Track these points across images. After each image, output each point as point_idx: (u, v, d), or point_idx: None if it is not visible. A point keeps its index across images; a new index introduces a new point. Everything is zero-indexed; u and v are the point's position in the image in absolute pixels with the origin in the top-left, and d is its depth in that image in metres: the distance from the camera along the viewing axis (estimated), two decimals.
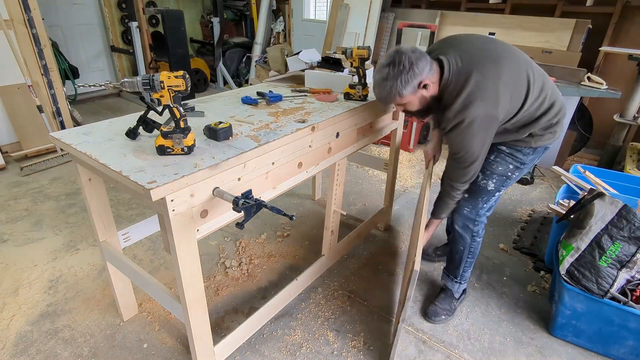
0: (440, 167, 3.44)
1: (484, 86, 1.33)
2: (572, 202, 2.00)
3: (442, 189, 1.68)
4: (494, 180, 1.62)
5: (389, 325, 1.84)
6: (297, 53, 2.30)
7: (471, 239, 1.76)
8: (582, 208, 1.81)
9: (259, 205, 1.15)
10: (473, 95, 1.33)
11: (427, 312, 1.88)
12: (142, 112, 1.37)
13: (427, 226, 1.73)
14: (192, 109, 1.64)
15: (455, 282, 1.88)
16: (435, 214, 1.74)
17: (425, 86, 1.40)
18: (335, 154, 1.78)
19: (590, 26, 3.46)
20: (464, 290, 1.96)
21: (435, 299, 1.92)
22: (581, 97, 3.19)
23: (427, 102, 1.46)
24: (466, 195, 1.69)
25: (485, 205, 1.69)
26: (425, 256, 2.26)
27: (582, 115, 3.56)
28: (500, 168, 1.59)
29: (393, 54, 1.39)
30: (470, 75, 1.34)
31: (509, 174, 1.60)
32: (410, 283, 1.33)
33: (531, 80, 1.42)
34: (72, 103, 4.28)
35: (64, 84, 3.92)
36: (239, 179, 1.30)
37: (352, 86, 1.86)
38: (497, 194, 1.66)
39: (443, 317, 1.86)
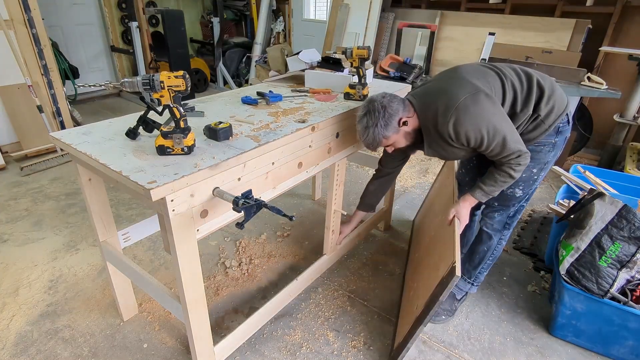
0: (439, 166, 3.44)
1: (453, 84, 1.43)
2: (572, 202, 2.00)
3: (499, 170, 1.50)
4: (521, 187, 1.62)
5: (389, 325, 1.84)
6: (297, 53, 2.30)
7: (497, 242, 1.77)
8: (582, 208, 1.81)
9: (259, 205, 1.15)
10: (450, 93, 1.39)
11: None
12: (142, 112, 1.37)
13: (464, 201, 1.60)
14: (192, 109, 1.64)
15: (468, 282, 1.89)
16: (487, 193, 1.54)
17: (404, 123, 1.48)
18: (335, 154, 1.78)
19: (590, 26, 3.46)
20: (466, 292, 1.96)
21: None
22: (581, 97, 3.19)
23: (413, 137, 1.53)
24: (496, 204, 1.69)
25: (517, 209, 1.69)
26: None
27: (582, 115, 3.56)
28: (524, 175, 1.58)
29: (366, 104, 1.50)
30: (439, 90, 1.45)
31: (535, 177, 1.60)
32: (447, 287, 1.32)
33: (499, 72, 1.49)
34: (72, 103, 4.28)
35: (64, 84, 3.92)
36: (239, 179, 1.30)
37: (352, 86, 1.86)
38: (527, 197, 1.66)
39: (443, 317, 1.86)
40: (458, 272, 1.31)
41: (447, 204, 1.73)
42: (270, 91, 1.92)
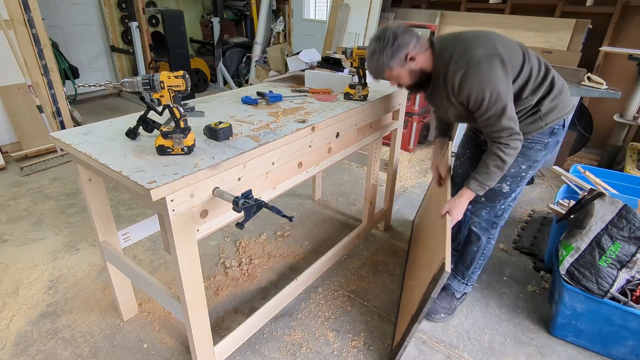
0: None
1: (477, 39, 1.39)
2: (572, 202, 2.00)
3: (489, 154, 1.49)
4: (508, 182, 1.61)
5: (389, 325, 1.84)
6: (297, 53, 2.30)
7: (487, 241, 1.76)
8: (582, 208, 1.81)
9: (259, 205, 1.15)
10: (469, 46, 1.37)
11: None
12: (142, 112, 1.37)
13: (461, 197, 1.57)
14: (192, 109, 1.64)
15: (462, 283, 1.88)
16: (481, 182, 1.52)
17: (412, 59, 1.44)
18: (335, 154, 1.78)
19: (590, 26, 3.45)
20: (466, 292, 1.96)
21: (436, 297, 1.92)
22: (581, 97, 3.19)
23: (418, 77, 1.49)
24: (483, 199, 1.68)
25: (503, 207, 1.68)
26: None
27: (582, 115, 3.56)
28: (512, 170, 1.57)
29: (380, 30, 1.46)
30: (462, 40, 1.41)
31: (523, 174, 1.59)
32: (438, 284, 1.32)
33: (525, 52, 1.46)
34: (72, 103, 4.28)
35: (64, 84, 3.92)
36: (239, 179, 1.30)
37: (352, 86, 1.86)
38: (514, 194, 1.65)
39: (442, 315, 1.86)
40: (448, 268, 1.30)
41: (442, 201, 1.73)
42: (270, 91, 1.92)
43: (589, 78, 2.95)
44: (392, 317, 1.88)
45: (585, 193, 1.91)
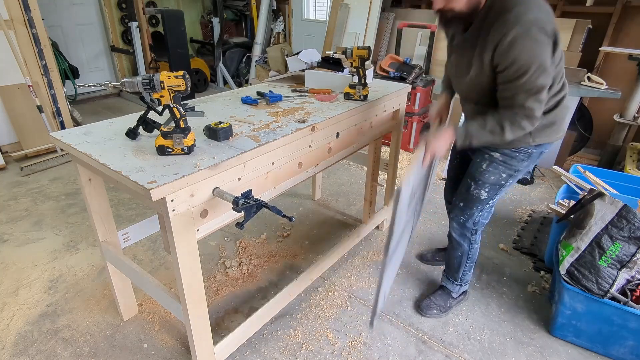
0: (439, 166, 3.45)
1: (544, 5, 1.25)
2: (572, 202, 2.00)
3: (495, 115, 1.36)
4: (487, 190, 1.58)
5: (389, 325, 1.84)
6: (297, 53, 2.30)
7: (469, 247, 1.74)
8: (582, 208, 1.81)
9: (259, 205, 1.15)
10: (533, 5, 1.21)
11: (420, 305, 1.90)
12: (142, 112, 1.37)
13: (443, 133, 1.42)
14: (192, 109, 1.64)
15: (456, 284, 1.88)
16: (468, 132, 1.40)
17: None
18: (335, 154, 1.78)
19: (590, 26, 3.46)
20: (465, 292, 1.96)
21: (432, 294, 1.94)
22: (581, 97, 3.19)
23: (473, 6, 1.29)
24: (461, 205, 1.66)
25: (481, 214, 1.65)
26: (424, 261, 2.25)
27: (582, 115, 3.56)
28: (492, 177, 1.55)
29: None
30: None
31: (502, 182, 1.56)
32: (394, 207, 1.24)
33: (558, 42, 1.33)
34: (72, 103, 4.28)
35: (64, 84, 3.92)
36: (239, 179, 1.30)
37: (352, 86, 1.86)
38: (491, 202, 1.62)
39: (435, 311, 1.86)
40: (405, 187, 1.23)
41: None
42: (270, 91, 1.92)
43: (589, 78, 2.95)
44: (392, 317, 1.88)
45: (585, 193, 1.91)
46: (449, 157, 1.92)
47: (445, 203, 2.07)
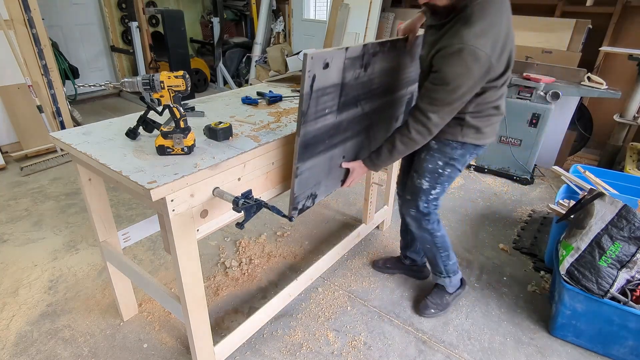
0: None
1: (492, 29, 1.27)
2: (572, 202, 2.00)
3: (390, 137, 1.48)
4: (427, 179, 1.62)
5: (389, 325, 1.84)
6: (297, 53, 2.30)
7: (431, 237, 1.74)
8: (582, 208, 1.81)
9: (259, 205, 1.15)
10: (479, 29, 1.25)
11: (418, 307, 1.91)
12: (142, 112, 1.37)
13: (359, 165, 1.58)
14: (192, 109, 1.64)
15: (443, 276, 1.86)
16: (371, 159, 1.55)
17: None
18: None
19: (590, 26, 3.46)
20: (462, 283, 1.94)
21: (428, 294, 1.94)
22: (581, 97, 3.19)
23: (457, 1, 1.30)
24: (408, 197, 1.70)
25: (427, 205, 1.67)
26: (376, 268, 2.19)
27: (582, 115, 3.56)
28: (430, 165, 1.59)
29: None
30: (487, 10, 1.27)
31: (440, 170, 1.59)
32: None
33: (512, 58, 1.39)
34: (72, 103, 4.27)
35: (64, 84, 3.92)
36: (239, 179, 1.30)
37: None
38: (434, 191, 1.64)
39: (432, 310, 1.86)
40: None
41: None
42: (270, 91, 1.92)
43: (589, 78, 2.95)
44: (392, 317, 1.89)
45: (585, 193, 1.91)
46: None
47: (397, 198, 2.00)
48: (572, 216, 1.89)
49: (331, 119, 1.37)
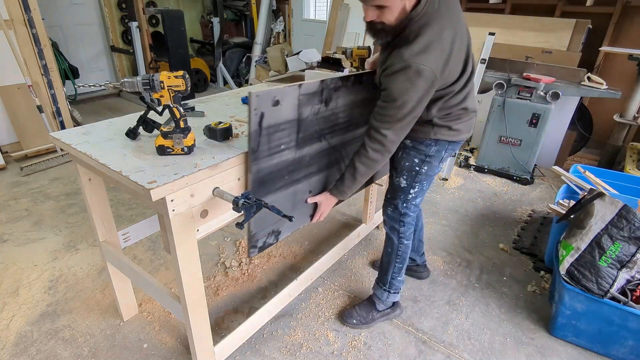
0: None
1: (434, 44, 1.26)
2: (572, 202, 2.00)
3: (350, 161, 1.47)
4: (405, 177, 1.61)
5: (389, 325, 1.84)
6: (297, 53, 2.30)
7: (398, 241, 1.72)
8: (582, 208, 1.81)
9: (259, 205, 1.15)
10: (422, 48, 1.25)
11: (343, 312, 1.88)
12: (142, 112, 1.37)
13: (328, 197, 1.57)
14: (192, 109, 1.64)
15: (384, 290, 1.80)
16: (338, 187, 1.53)
17: None
18: None
19: (590, 26, 3.46)
20: (395, 305, 1.87)
21: (359, 303, 1.90)
22: (581, 97, 3.19)
23: (402, 21, 1.29)
24: (388, 196, 1.70)
25: (406, 205, 1.65)
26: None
27: (582, 115, 3.56)
28: (407, 163, 1.58)
29: None
30: (427, 29, 1.26)
31: (417, 168, 1.58)
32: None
33: (469, 62, 1.42)
34: (72, 103, 4.28)
35: (64, 84, 3.92)
36: (239, 179, 1.30)
37: None
38: (412, 190, 1.62)
39: (354, 321, 1.82)
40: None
41: None
42: None
43: (589, 78, 2.95)
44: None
45: (585, 193, 1.91)
46: None
47: None
48: (572, 216, 1.89)
49: (289, 154, 1.34)
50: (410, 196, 1.64)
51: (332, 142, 1.53)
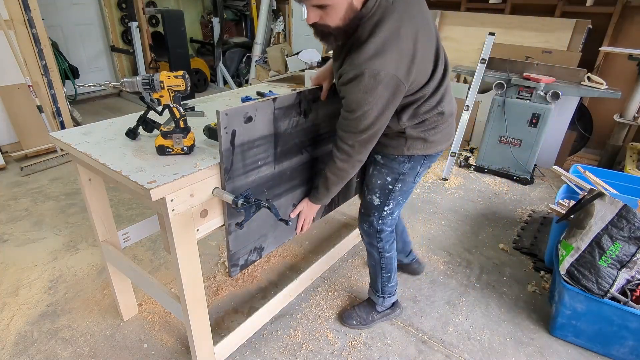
0: (439, 166, 3.45)
1: (393, 43, 1.12)
2: (572, 202, 2.00)
3: (324, 170, 1.39)
4: (377, 194, 1.52)
5: (389, 325, 1.84)
6: (297, 53, 2.30)
7: (379, 255, 1.67)
8: (582, 208, 1.81)
9: (258, 205, 1.15)
10: (380, 48, 1.10)
11: (343, 313, 1.86)
12: (142, 112, 1.37)
13: (309, 204, 1.51)
14: (192, 109, 1.64)
15: (378, 295, 1.78)
16: (314, 195, 1.47)
17: None
18: None
19: (590, 26, 3.46)
20: (394, 305, 1.85)
21: (358, 304, 1.88)
22: (581, 97, 3.19)
23: (352, 20, 1.14)
24: (362, 211, 1.62)
25: (380, 222, 1.58)
26: None
27: (582, 115, 3.56)
28: (379, 181, 1.49)
29: None
30: (384, 26, 1.12)
31: (390, 186, 1.48)
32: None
33: (440, 60, 1.29)
34: (72, 103, 4.28)
35: (64, 84, 3.92)
36: None
37: None
38: (387, 207, 1.54)
39: (354, 322, 1.80)
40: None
41: None
42: (270, 91, 1.92)
43: (589, 78, 2.95)
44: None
45: (585, 193, 1.91)
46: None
47: None
48: (572, 216, 1.89)
49: (267, 170, 1.30)
50: (385, 213, 1.56)
51: (315, 153, 1.48)
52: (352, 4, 1.11)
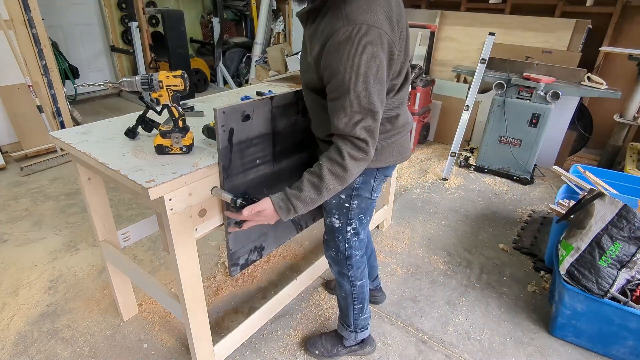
0: (439, 166, 3.45)
1: (381, 3, 1.00)
2: (572, 202, 2.00)
3: (315, 166, 1.10)
4: (336, 216, 1.37)
5: (389, 325, 1.84)
6: (297, 53, 2.30)
7: (350, 285, 1.51)
8: (582, 208, 1.81)
9: None
10: (374, 6, 0.98)
11: (308, 338, 1.73)
12: (141, 112, 1.37)
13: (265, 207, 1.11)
14: (191, 108, 1.64)
15: (350, 330, 1.60)
16: (287, 196, 1.09)
17: None
18: None
19: (590, 26, 3.45)
20: (364, 342, 1.66)
21: (326, 333, 1.72)
22: (581, 97, 3.19)
23: None
24: (326, 237, 1.48)
25: (347, 245, 1.42)
26: (328, 289, 2.04)
27: (582, 115, 3.56)
28: (333, 201, 1.34)
29: None
30: None
31: (346, 204, 1.33)
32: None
33: (407, 61, 1.16)
34: (72, 103, 4.28)
35: (64, 84, 3.92)
36: None
37: None
38: (349, 227, 1.38)
39: (317, 352, 1.65)
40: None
41: None
42: (270, 91, 1.92)
43: (589, 78, 2.95)
44: (392, 317, 1.88)
45: (585, 193, 1.91)
46: None
47: None
48: (572, 216, 1.89)
49: (266, 169, 1.28)
50: (350, 234, 1.41)
51: (314, 152, 1.42)
52: None
